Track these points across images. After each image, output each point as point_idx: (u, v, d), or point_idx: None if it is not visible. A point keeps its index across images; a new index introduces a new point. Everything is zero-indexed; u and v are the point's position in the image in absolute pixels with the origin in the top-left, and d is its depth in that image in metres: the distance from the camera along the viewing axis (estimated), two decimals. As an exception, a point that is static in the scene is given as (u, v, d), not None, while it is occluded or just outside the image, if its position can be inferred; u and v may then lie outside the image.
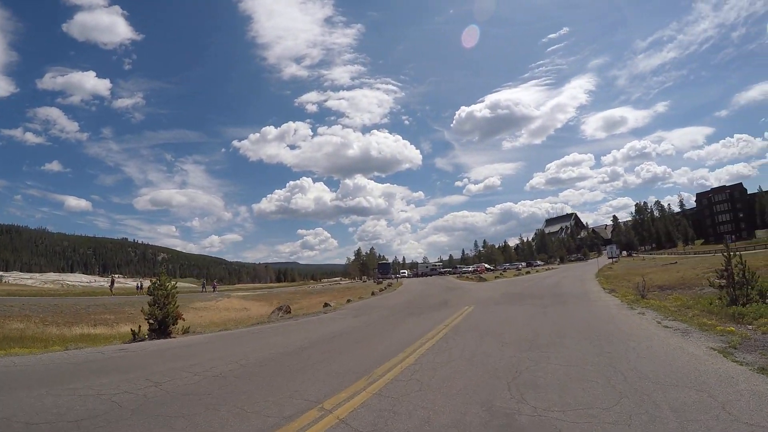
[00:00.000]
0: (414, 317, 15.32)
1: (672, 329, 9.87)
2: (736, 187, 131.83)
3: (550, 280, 38.06)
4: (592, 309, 14.80)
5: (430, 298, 24.95)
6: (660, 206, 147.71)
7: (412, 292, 34.61)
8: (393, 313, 17.75)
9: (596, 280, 32.65)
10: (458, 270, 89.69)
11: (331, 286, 67.03)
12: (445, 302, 21.10)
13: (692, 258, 55.44)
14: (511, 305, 17.51)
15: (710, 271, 29.60)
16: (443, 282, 49.60)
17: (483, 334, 10.17)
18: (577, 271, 55.53)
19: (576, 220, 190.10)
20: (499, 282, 42.56)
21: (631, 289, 22.89)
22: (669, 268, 37.82)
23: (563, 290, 24.74)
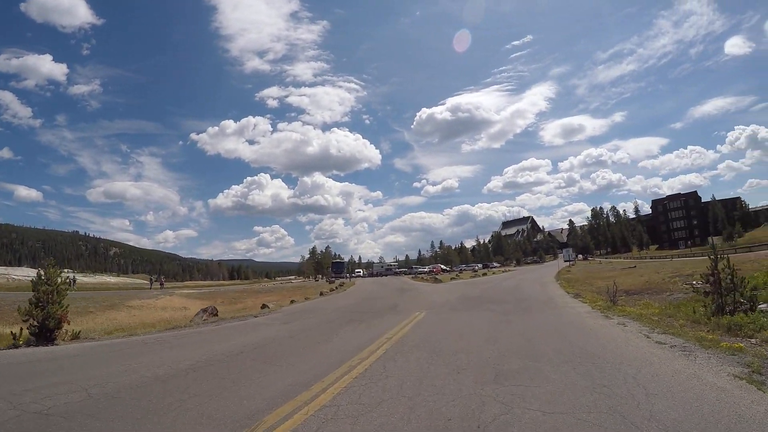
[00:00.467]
0: (354, 325, 12.98)
1: (668, 346, 8.01)
2: (691, 195, 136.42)
3: (508, 282, 36.59)
4: (563, 317, 12.84)
5: (379, 301, 22.73)
6: (615, 212, 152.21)
7: (362, 292, 32.75)
8: (332, 318, 15.39)
9: (557, 283, 31.26)
10: (414, 270, 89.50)
11: (282, 284, 65.08)
12: (395, 306, 18.89)
13: (650, 262, 55.41)
14: (468, 311, 15.43)
15: (676, 276, 28.78)
16: (397, 283, 47.60)
17: (434, 353, 7.93)
18: (534, 273, 54.56)
19: (532, 224, 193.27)
20: (456, 284, 40.78)
21: (597, 294, 21.49)
22: (631, 272, 36.92)
23: (525, 294, 23.00)
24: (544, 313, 13.93)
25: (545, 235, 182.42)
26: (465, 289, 30.29)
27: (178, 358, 8.58)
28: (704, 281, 13.10)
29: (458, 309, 16.42)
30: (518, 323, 11.67)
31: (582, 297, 19.26)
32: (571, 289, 24.50)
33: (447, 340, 9.25)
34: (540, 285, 30.71)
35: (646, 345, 8.20)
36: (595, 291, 24.28)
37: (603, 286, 27.12)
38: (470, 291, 27.33)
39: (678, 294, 22.61)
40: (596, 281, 30.61)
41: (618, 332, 9.81)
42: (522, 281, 36.71)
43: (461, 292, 26.95)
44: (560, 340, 8.84)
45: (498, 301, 19.03)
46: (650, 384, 5.59)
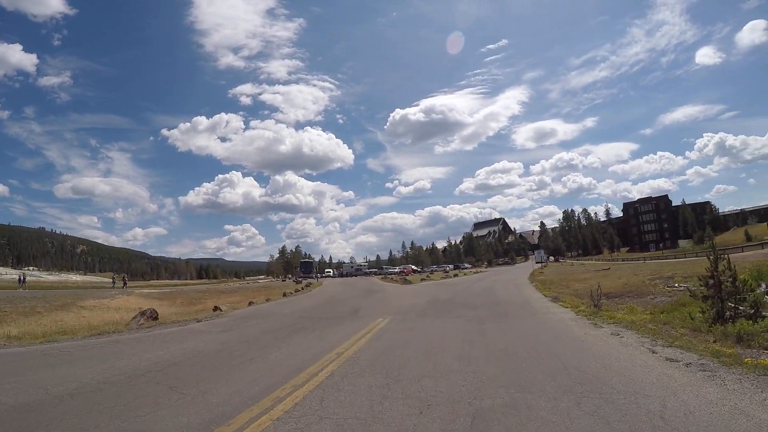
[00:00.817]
0: (304, 335, 11.14)
1: (682, 364, 6.57)
2: (662, 199, 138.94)
3: (481, 283, 35.26)
4: (547, 325, 11.29)
5: (341, 304, 20.92)
6: (587, 214, 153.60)
7: (327, 294, 30.88)
8: (283, 325, 13.49)
9: (532, 285, 30.07)
10: (384, 271, 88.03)
11: (248, 284, 63.41)
12: (357, 310, 17.10)
13: (624, 264, 54.94)
14: (438, 318, 13.72)
15: (655, 278, 27.77)
16: (365, 283, 45.80)
17: (391, 378, 6.15)
18: (507, 274, 53.52)
19: (504, 225, 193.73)
20: (426, 285, 39.21)
21: (577, 298, 20.27)
22: (606, 273, 35.93)
23: (500, 297, 21.58)
24: (525, 321, 12.35)
25: (516, 236, 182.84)
26: (435, 290, 28.75)
27: (60, 378, 6.64)
28: (702, 283, 11.80)
29: (427, 315, 14.71)
30: (496, 334, 10.02)
31: (562, 300, 17.91)
32: (548, 292, 23.24)
33: (410, 359, 7.49)
34: (515, 287, 29.40)
35: (656, 363, 6.66)
36: (574, 294, 23.09)
37: (581, 289, 25.97)
38: (441, 293, 25.76)
39: (661, 297, 21.53)
40: (573, 283, 29.48)
41: (616, 345, 8.26)
42: (495, 282, 35.43)
43: (431, 294, 25.36)
44: (550, 358, 7.19)
45: (471, 305, 17.43)
46: (689, 429, 3.98)
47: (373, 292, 30.61)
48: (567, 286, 27.84)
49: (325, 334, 11.04)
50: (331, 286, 44.82)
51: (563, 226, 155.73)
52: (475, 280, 44.14)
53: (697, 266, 29.23)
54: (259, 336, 11.20)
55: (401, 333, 10.57)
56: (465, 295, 23.81)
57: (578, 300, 19.31)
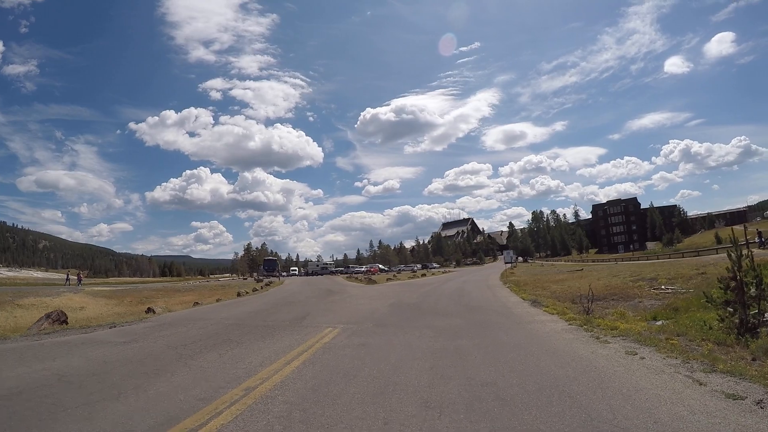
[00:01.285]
0: (220, 351, 8.52)
1: (751, 402, 4.58)
2: (631, 201, 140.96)
3: (451, 284, 33.13)
4: (540, 340, 8.96)
5: (290, 307, 18.33)
6: (556, 216, 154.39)
7: (282, 294, 28.61)
8: (202, 336, 10.75)
9: (506, 287, 28.05)
10: (350, 270, 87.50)
11: (208, 282, 61.54)
12: (305, 316, 14.52)
13: (597, 265, 53.59)
14: (400, 329, 11.12)
15: (638, 279, 25.98)
16: (328, 283, 43.34)
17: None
18: (477, 275, 51.67)
19: (472, 225, 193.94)
20: (391, 285, 36.85)
21: (558, 301, 18.28)
22: (582, 275, 34.18)
23: (474, 300, 19.40)
24: (510, 333, 9.97)
25: (485, 237, 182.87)
26: (401, 292, 26.42)
27: None
28: (723, 286, 9.68)
29: (387, 324, 12.14)
30: (477, 356, 7.53)
31: (544, 305, 15.81)
32: (525, 295, 21.25)
33: (350, 405, 4.86)
34: (487, 288, 27.32)
35: (719, 406, 4.48)
36: (553, 296, 21.25)
37: (559, 291, 24.11)
38: (407, 295, 23.43)
39: (650, 300, 19.71)
40: (549, 285, 27.61)
41: (643, 373, 5.98)
42: (466, 283, 33.37)
43: (396, 296, 22.99)
44: (564, 402, 4.76)
45: (442, 311, 15.04)
46: None
47: (333, 293, 28.14)
48: (543, 288, 25.91)
49: (248, 351, 8.44)
50: (291, 285, 43.09)
51: (532, 227, 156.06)
52: (444, 280, 42.01)
53: (676, 268, 27.88)
54: (162, 353, 8.51)
55: (349, 353, 8.01)
56: (434, 297, 21.53)
57: (561, 304, 17.31)
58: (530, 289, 25.11)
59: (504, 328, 10.70)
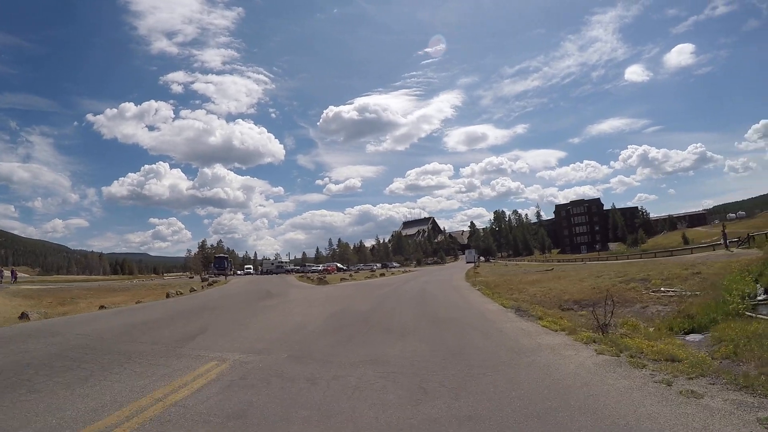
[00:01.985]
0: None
1: None
2: (594, 202, 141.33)
3: (412, 285, 29.45)
4: (576, 395, 4.94)
5: (197, 317, 14.09)
6: (518, 215, 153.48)
7: (210, 297, 24.86)
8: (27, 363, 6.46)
9: (475, 289, 24.51)
10: (306, 269, 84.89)
11: (151, 281, 58.08)
12: (200, 333, 10.28)
13: (567, 265, 50.50)
14: (326, 365, 6.75)
15: (629, 281, 22.58)
16: (275, 283, 39.07)
17: None
18: (440, 274, 48.12)
19: (433, 224, 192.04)
20: (344, 287, 32.70)
21: (543, 307, 14.83)
22: (558, 275, 30.74)
23: (441, 308, 15.65)
24: (512, 376, 5.96)
25: (446, 236, 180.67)
26: (352, 296, 22.45)
27: None
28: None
29: (309, 356, 7.63)
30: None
31: (537, 317, 12.04)
32: (502, 300, 17.79)
33: None
34: (454, 290, 23.67)
35: None
36: (538, 302, 17.68)
37: (540, 294, 20.60)
38: (358, 300, 19.45)
39: (656, 306, 16.41)
40: (525, 287, 24.05)
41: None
42: (429, 284, 29.70)
43: (344, 302, 18.96)
44: None
45: (398, 328, 10.85)
46: None
47: (271, 295, 23.94)
48: (520, 291, 22.33)
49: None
50: (233, 285, 39.35)
51: (493, 227, 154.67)
52: (404, 280, 38.12)
53: (661, 268, 24.64)
54: None
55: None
56: (391, 303, 17.52)
57: (554, 313, 13.77)
58: (505, 292, 21.55)
59: (498, 364, 6.70)
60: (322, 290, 29.39)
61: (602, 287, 20.93)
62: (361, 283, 38.08)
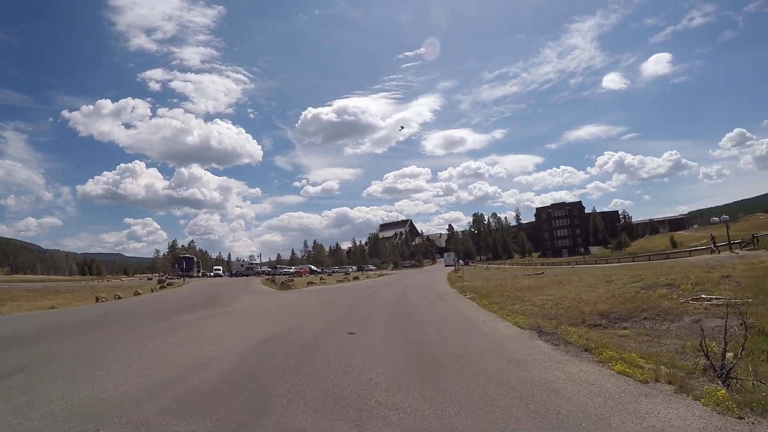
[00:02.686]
0: None
1: None
2: (575, 205, 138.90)
3: (389, 291, 25.43)
4: None
5: (47, 342, 9.61)
6: (497, 218, 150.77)
7: (132, 305, 20.94)
8: None
9: (466, 297, 20.58)
10: (278, 271, 79.16)
11: (107, 282, 54.72)
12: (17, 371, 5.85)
13: (555, 269, 46.90)
14: None
15: (652, 286, 18.61)
16: (233, 287, 34.74)
17: None
18: (419, 278, 44.16)
19: (411, 227, 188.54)
20: (308, 293, 28.27)
21: (565, 323, 10.79)
22: (557, 280, 26.73)
23: (432, 332, 11.35)
24: None
25: (424, 239, 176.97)
26: (312, 307, 18.11)
27: None
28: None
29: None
30: None
31: (577, 344, 7.93)
32: (509, 314, 13.57)
33: None
34: (443, 300, 19.52)
35: None
36: (551, 315, 13.76)
37: (550, 305, 16.52)
38: (315, 316, 14.96)
39: (713, 320, 12.22)
40: (525, 294, 20.03)
41: None
42: (409, 290, 25.62)
43: (296, 317, 14.56)
44: None
45: (365, 388, 6.31)
46: None
47: (212, 304, 19.44)
48: (521, 300, 18.30)
49: None
50: (183, 289, 35.16)
51: (472, 230, 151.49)
52: (380, 285, 33.85)
53: (674, 271, 21.05)
54: None
55: None
56: (359, 321, 13.11)
57: (589, 334, 9.57)
58: (505, 302, 17.52)
59: None
60: (278, 297, 24.65)
61: (624, 294, 16.99)
62: (330, 288, 33.58)
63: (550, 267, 57.86)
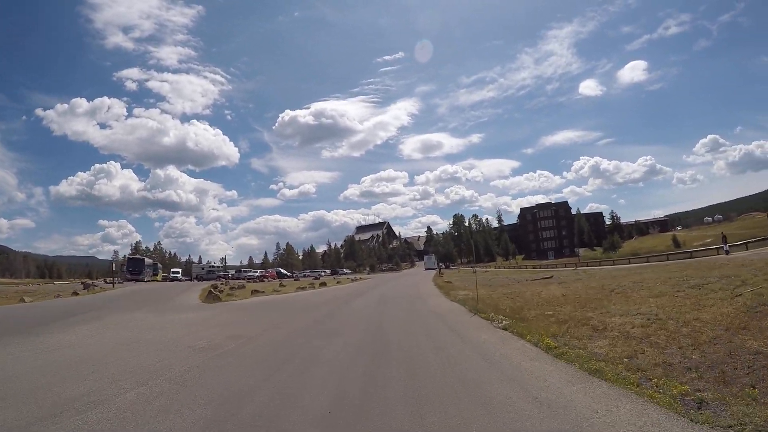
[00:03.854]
0: None
1: None
2: (561, 205, 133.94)
3: (359, 308, 17.73)
4: None
5: None
6: (478, 220, 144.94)
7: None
8: None
9: (488, 322, 12.59)
10: (242, 275, 74.69)
11: (37, 287, 49.16)
12: None
13: (559, 272, 39.19)
14: None
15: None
16: (152, 296, 26.78)
17: None
18: (400, 284, 36.40)
19: (388, 230, 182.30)
20: (229, 312, 20.01)
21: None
22: (587, 286, 18.96)
23: None
24: None
25: (401, 241, 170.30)
26: (226, 336, 10.11)
27: None
28: None
29: None
30: None
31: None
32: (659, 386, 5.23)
33: None
34: (453, 332, 11.42)
35: None
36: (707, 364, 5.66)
37: (655, 334, 8.84)
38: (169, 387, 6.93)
39: None
40: (583, 313, 12.17)
41: None
42: (390, 306, 18.01)
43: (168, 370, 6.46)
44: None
45: None
46: None
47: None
48: (593, 326, 10.39)
49: None
50: (103, 296, 28.23)
51: (452, 232, 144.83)
52: (353, 293, 25.92)
53: (724, 272, 15.21)
54: None
55: None
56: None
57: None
58: (568, 332, 9.58)
59: None
60: (167, 322, 15.94)
61: (730, 315, 9.48)
62: (278, 300, 24.80)
63: (547, 270, 50.62)
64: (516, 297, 18.14)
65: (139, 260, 68.80)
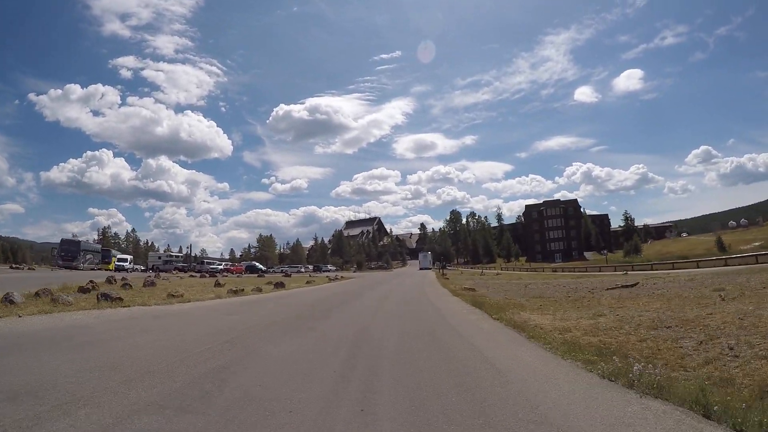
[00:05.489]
0: None
1: None
2: (571, 203, 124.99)
3: (339, 340, 7.28)
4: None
5: None
6: (476, 218, 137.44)
7: None
8: None
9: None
10: (204, 267, 64.68)
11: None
12: None
13: (584, 278, 29.33)
14: None
15: None
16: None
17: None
18: (396, 288, 27.35)
19: (379, 225, 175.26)
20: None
21: None
22: (651, 300, 9.36)
23: None
24: None
25: (393, 238, 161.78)
26: None
27: None
28: None
29: None
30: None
31: None
32: None
33: None
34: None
35: None
36: None
37: None
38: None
39: None
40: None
41: None
42: (385, 347, 7.27)
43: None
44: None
45: None
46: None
47: None
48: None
49: None
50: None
51: (448, 230, 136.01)
52: (331, 300, 16.20)
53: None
54: None
55: None
56: None
57: None
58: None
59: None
60: None
61: None
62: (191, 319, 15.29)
63: (575, 274, 41.12)
64: (569, 308, 8.39)
65: (74, 242, 57.40)
